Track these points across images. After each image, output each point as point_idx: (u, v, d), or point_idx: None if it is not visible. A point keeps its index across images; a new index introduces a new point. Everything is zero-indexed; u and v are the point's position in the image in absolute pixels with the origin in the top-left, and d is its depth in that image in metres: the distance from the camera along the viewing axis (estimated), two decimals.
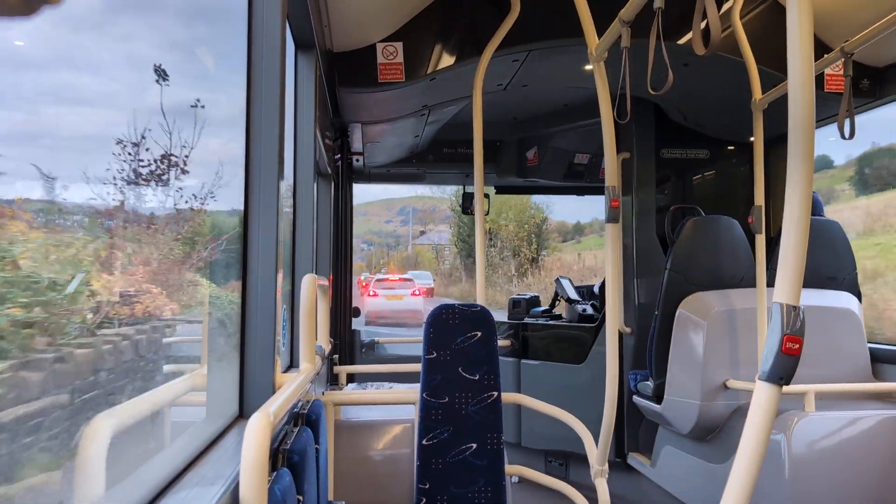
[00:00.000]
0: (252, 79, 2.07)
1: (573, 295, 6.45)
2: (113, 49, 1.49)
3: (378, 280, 29.08)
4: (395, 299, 26.35)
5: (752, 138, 4.02)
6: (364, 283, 30.17)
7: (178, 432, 1.82)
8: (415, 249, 50.87)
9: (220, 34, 2.26)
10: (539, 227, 37.22)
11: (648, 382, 4.64)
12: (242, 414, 2.00)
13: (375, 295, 26.83)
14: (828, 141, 4.98)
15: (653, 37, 2.47)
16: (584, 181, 6.82)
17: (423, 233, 54.30)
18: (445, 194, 45.17)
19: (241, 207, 2.01)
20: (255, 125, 2.05)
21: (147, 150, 1.56)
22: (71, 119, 1.38)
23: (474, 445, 3.09)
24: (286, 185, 2.32)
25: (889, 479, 3.40)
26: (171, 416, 1.80)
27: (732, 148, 5.66)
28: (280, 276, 2.07)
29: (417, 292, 27.46)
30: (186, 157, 1.75)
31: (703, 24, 2.20)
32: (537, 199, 36.34)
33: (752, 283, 4.04)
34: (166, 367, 1.85)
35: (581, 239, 40.17)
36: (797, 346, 1.73)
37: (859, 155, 20.40)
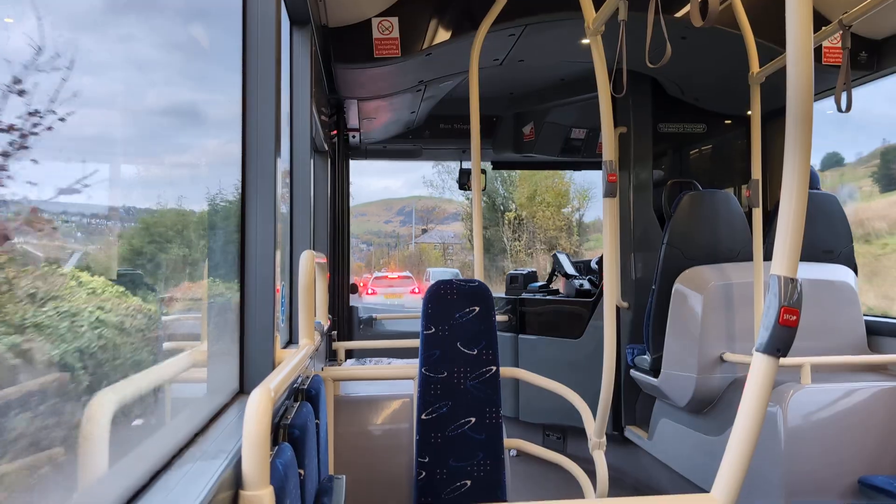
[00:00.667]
0: (247, 55, 2.05)
1: (570, 270, 6.47)
2: None
3: (376, 278, 28.97)
4: (394, 297, 26.37)
5: (749, 112, 4.01)
6: (361, 283, 29.80)
7: (178, 408, 1.83)
8: (419, 247, 49.25)
9: None
10: (581, 213, 31.65)
11: (645, 356, 4.66)
12: (243, 389, 2.01)
13: (374, 293, 26.82)
14: (825, 115, 4.95)
15: (651, 10, 2.46)
16: (581, 156, 6.81)
17: (425, 231, 52.99)
18: (446, 195, 43.31)
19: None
20: (251, 102, 2.05)
21: None
22: None
23: (473, 419, 3.12)
24: (283, 161, 2.32)
25: (883, 451, 3.44)
26: (172, 392, 1.81)
27: (729, 122, 5.65)
28: (278, 252, 2.08)
29: (417, 290, 27.44)
30: None
31: None
32: (580, 179, 30.99)
33: (748, 257, 4.05)
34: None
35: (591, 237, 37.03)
36: (794, 318, 1.74)
37: (877, 150, 20.24)
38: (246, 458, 1.30)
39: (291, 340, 3.05)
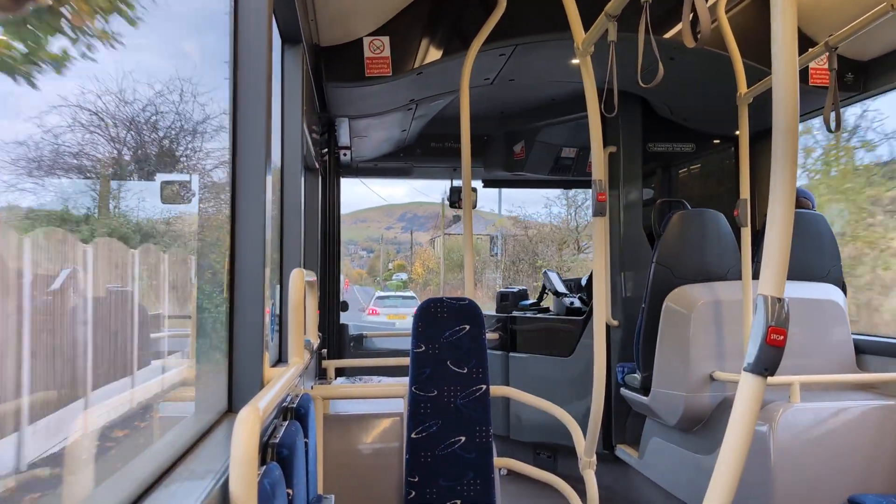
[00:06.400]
0: (238, 73, 2.06)
1: (561, 288, 6.48)
2: None
3: (378, 297, 28.39)
4: (397, 318, 25.76)
5: (737, 132, 4.04)
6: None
7: (166, 427, 1.82)
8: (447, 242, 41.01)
9: None
10: None
11: (636, 375, 4.66)
12: (231, 408, 2.00)
13: (375, 312, 26.38)
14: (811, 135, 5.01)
15: (641, 31, 2.48)
16: (572, 175, 6.84)
17: (457, 218, 46.91)
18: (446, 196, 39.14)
19: None
20: (241, 120, 2.05)
21: None
22: None
23: (463, 438, 3.10)
24: (273, 179, 2.32)
25: (872, 469, 3.44)
26: (160, 412, 1.79)
27: (718, 142, 5.69)
28: (268, 270, 2.07)
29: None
30: None
31: (690, 17, 2.21)
32: None
33: (737, 276, 4.07)
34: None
35: None
36: (781, 337, 1.74)
37: None
38: (233, 477, 1.29)
39: (281, 359, 3.04)
